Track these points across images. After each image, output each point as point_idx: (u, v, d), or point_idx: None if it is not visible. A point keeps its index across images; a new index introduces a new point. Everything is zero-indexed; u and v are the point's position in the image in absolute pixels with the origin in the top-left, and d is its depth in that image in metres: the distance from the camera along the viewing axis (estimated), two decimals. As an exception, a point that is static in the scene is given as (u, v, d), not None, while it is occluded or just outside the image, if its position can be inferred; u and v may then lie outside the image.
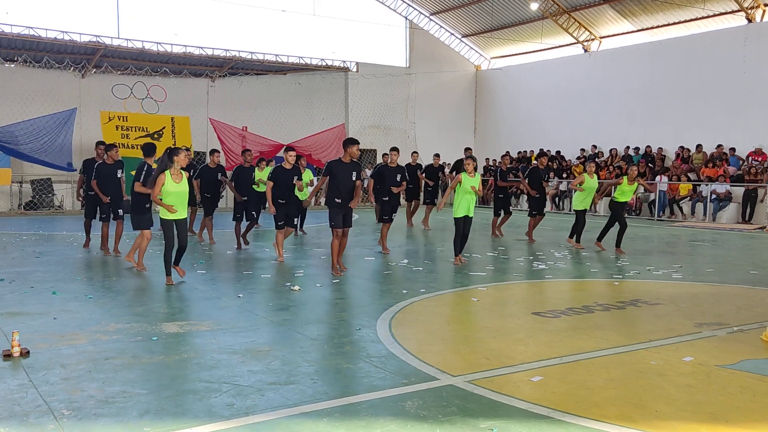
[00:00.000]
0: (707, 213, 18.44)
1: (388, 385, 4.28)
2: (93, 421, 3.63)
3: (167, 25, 22.10)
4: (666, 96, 21.61)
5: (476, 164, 9.77)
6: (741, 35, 19.92)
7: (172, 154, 7.52)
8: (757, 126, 19.06)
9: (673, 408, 3.93)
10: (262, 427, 3.58)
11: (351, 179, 8.58)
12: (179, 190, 7.57)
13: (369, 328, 5.80)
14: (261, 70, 23.88)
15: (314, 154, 22.93)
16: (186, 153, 7.71)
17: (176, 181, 7.54)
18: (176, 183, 7.54)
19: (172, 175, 7.52)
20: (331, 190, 8.59)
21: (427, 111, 27.37)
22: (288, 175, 9.62)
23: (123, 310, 6.50)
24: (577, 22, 24.03)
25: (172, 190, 7.50)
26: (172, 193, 7.52)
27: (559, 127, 24.89)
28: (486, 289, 7.83)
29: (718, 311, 6.66)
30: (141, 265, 8.81)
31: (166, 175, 7.47)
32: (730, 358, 4.94)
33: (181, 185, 7.58)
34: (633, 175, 11.24)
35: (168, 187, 7.47)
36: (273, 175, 9.59)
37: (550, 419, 3.73)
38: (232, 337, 5.43)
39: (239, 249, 11.17)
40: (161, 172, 7.49)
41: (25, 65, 20.24)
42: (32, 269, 8.92)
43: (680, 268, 9.65)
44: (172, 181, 7.51)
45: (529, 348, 5.21)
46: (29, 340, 5.14)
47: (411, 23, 26.94)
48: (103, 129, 20.04)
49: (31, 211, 19.32)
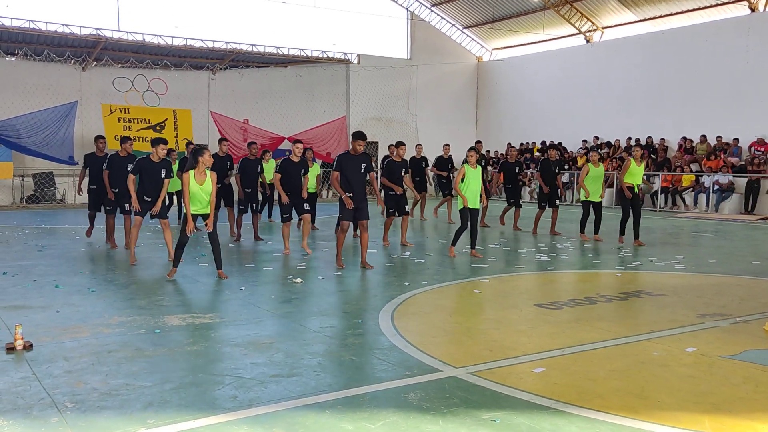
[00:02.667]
0: (710, 204, 18.40)
1: (390, 377, 4.29)
2: (96, 414, 3.64)
3: (168, 18, 22.07)
4: (668, 86, 21.53)
5: (478, 156, 9.73)
6: (744, 25, 19.81)
7: (197, 154, 7.40)
8: (760, 116, 18.98)
9: (675, 399, 3.93)
10: (265, 419, 3.59)
11: (360, 172, 8.53)
12: (203, 189, 7.48)
13: (372, 320, 5.81)
14: (262, 63, 23.83)
15: (315, 146, 22.89)
16: (209, 152, 7.58)
17: (199, 181, 7.45)
18: (199, 184, 7.44)
19: (196, 175, 7.43)
20: (343, 184, 8.53)
21: (428, 103, 27.30)
22: (295, 168, 9.63)
23: (126, 303, 6.51)
24: (579, 13, 23.92)
25: (195, 190, 7.42)
26: (194, 193, 7.43)
27: (561, 118, 24.82)
28: (488, 281, 7.82)
29: (720, 302, 6.65)
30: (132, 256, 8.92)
31: (190, 174, 7.40)
32: (733, 349, 4.93)
33: (204, 185, 7.48)
34: (638, 155, 11.06)
35: (192, 187, 7.40)
36: (281, 167, 9.62)
37: (553, 410, 3.73)
38: (235, 330, 5.44)
39: (238, 241, 11.24)
40: (186, 172, 7.44)
41: (26, 58, 20.22)
42: (35, 263, 8.94)
43: (683, 259, 9.64)
44: (195, 182, 7.41)
45: (531, 339, 5.21)
46: (32, 333, 5.15)
47: (412, 14, 26.85)
48: (105, 122, 20.03)
49: (33, 205, 19.35)
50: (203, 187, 7.45)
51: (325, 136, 23.51)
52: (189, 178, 7.38)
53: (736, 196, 18.13)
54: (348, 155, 8.58)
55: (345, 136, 23.92)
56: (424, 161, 14.67)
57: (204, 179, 7.45)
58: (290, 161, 9.65)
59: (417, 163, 14.26)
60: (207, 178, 7.47)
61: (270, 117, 23.43)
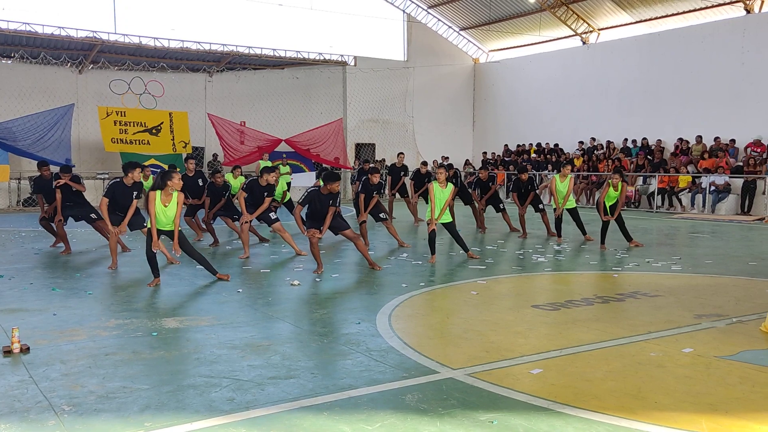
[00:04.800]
0: (706, 205, 18.45)
1: (388, 379, 4.29)
2: (94, 417, 3.63)
3: (164, 20, 22.05)
4: (664, 88, 21.59)
5: (448, 173, 9.54)
6: (739, 26, 19.88)
7: (165, 177, 7.45)
8: (756, 117, 19.04)
9: (672, 399, 3.94)
10: (262, 421, 3.59)
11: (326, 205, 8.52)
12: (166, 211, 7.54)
13: (368, 321, 5.81)
14: (259, 65, 23.81)
15: (312, 149, 22.90)
16: (179, 176, 7.57)
17: (164, 201, 7.49)
18: (163, 205, 7.49)
19: (162, 195, 7.47)
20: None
21: (425, 105, 27.32)
22: (260, 189, 10.04)
23: (123, 306, 6.50)
24: (575, 14, 23.97)
25: (158, 210, 7.48)
26: (158, 213, 7.49)
27: (558, 119, 24.87)
28: (485, 283, 7.83)
29: (717, 302, 6.67)
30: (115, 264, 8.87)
31: (156, 194, 7.42)
32: (730, 349, 4.95)
33: (168, 208, 7.52)
34: (616, 182, 10.86)
35: (157, 207, 7.44)
36: (247, 186, 10.13)
37: (550, 411, 3.74)
38: (232, 332, 5.43)
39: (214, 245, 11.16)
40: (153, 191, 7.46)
41: (22, 61, 20.16)
42: (31, 266, 8.92)
43: (679, 260, 9.66)
44: (159, 202, 7.45)
45: (528, 341, 5.22)
46: (29, 336, 5.14)
47: (409, 16, 26.87)
48: (102, 125, 19.96)
49: (29, 208, 19.30)
50: (167, 208, 7.50)
51: (322, 138, 23.48)
52: (155, 197, 7.42)
53: (732, 197, 18.18)
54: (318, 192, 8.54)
55: (342, 138, 23.90)
56: (403, 170, 15.61)
57: (169, 200, 7.48)
58: (258, 183, 10.07)
59: (396, 172, 15.47)
60: (173, 201, 7.51)
61: (267, 119, 23.41)
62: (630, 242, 11.19)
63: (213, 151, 22.68)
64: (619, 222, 11.11)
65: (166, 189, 7.44)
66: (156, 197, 7.38)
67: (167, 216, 7.54)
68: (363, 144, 26.53)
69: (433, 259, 9.39)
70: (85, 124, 20.59)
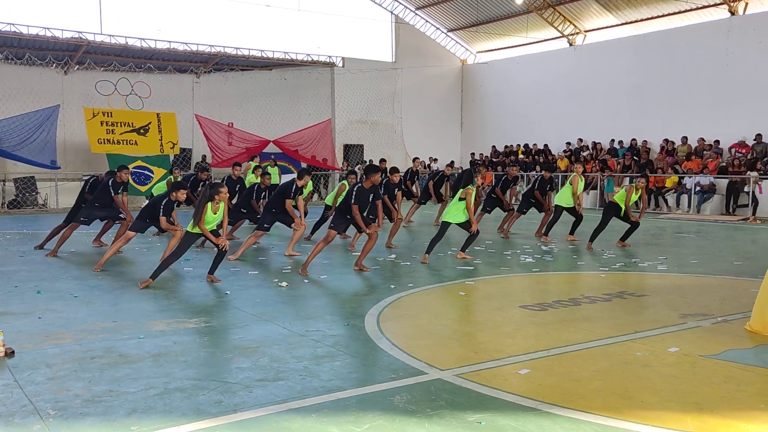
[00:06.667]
0: (691, 205, 18.61)
1: (376, 380, 4.29)
2: (80, 421, 3.60)
3: (151, 21, 21.91)
4: (650, 89, 21.76)
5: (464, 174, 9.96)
6: (724, 28, 20.08)
7: (214, 191, 7.89)
8: (740, 118, 19.23)
9: (658, 398, 3.97)
10: (250, 424, 3.58)
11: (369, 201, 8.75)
12: (215, 218, 8.07)
13: (357, 323, 5.80)
14: (246, 66, 23.75)
15: (301, 150, 22.87)
16: (225, 189, 8.05)
17: (214, 210, 7.96)
18: (213, 213, 7.95)
19: (212, 206, 7.94)
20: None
21: (413, 105, 27.36)
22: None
23: (109, 308, 6.45)
24: (561, 16, 24.11)
25: (210, 219, 7.95)
26: (208, 221, 8.01)
27: (545, 121, 24.99)
28: (474, 283, 7.85)
29: (702, 302, 6.73)
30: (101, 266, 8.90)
31: (207, 206, 7.86)
32: (715, 349, 4.99)
33: (217, 215, 8.00)
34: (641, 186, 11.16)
35: (208, 216, 7.89)
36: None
37: (538, 411, 3.75)
38: (220, 335, 5.41)
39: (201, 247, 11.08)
40: (205, 204, 7.92)
41: (7, 62, 19.97)
42: (16, 268, 8.83)
43: (665, 260, 9.73)
44: (211, 212, 7.91)
45: (516, 341, 5.24)
46: (14, 339, 5.09)
47: (397, 18, 26.91)
48: (88, 126, 19.78)
49: (14, 210, 19.10)
50: (216, 216, 7.99)
51: (310, 138, 23.46)
52: (207, 209, 7.87)
53: (717, 197, 18.35)
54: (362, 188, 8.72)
55: (330, 139, 23.89)
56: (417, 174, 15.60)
57: (217, 210, 7.97)
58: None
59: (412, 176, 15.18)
60: (220, 210, 8.02)
61: (255, 120, 23.33)
62: (619, 242, 11.29)
63: (201, 152, 22.58)
64: (635, 225, 11.19)
65: (214, 200, 7.90)
66: (207, 209, 7.84)
67: (213, 219, 8.04)
68: (351, 145, 26.52)
69: (425, 259, 9.45)
70: (71, 126, 20.42)
